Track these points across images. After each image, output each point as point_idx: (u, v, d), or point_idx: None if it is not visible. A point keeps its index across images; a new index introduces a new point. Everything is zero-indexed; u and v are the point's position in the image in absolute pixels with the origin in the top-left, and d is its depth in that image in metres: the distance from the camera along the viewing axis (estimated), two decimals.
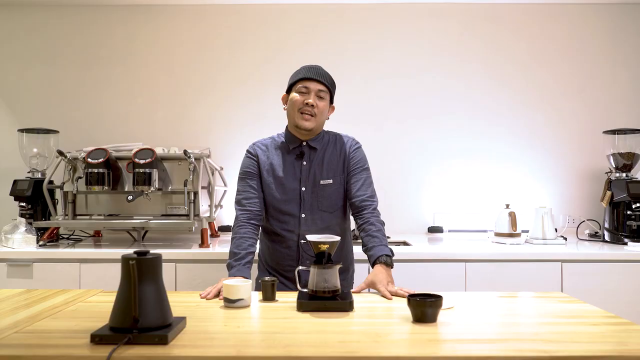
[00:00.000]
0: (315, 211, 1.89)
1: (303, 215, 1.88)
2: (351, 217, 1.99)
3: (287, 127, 1.97)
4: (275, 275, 1.93)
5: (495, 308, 1.55)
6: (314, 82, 1.85)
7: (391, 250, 1.81)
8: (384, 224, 1.90)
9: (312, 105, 1.83)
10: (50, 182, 2.78)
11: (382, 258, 1.75)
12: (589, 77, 3.30)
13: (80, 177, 2.66)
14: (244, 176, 1.94)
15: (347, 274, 1.98)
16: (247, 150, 1.98)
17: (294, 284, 1.82)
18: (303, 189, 1.88)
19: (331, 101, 1.91)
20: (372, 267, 1.77)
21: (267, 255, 2.00)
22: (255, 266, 2.11)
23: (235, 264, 1.78)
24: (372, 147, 2.41)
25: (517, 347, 1.17)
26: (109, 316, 1.22)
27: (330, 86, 1.88)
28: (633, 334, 1.27)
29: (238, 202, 1.91)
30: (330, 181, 1.89)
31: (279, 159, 1.92)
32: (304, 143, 1.91)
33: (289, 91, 1.91)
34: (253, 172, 1.92)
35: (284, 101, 1.94)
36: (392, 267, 1.77)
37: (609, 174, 2.99)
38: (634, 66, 3.30)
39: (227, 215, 3.25)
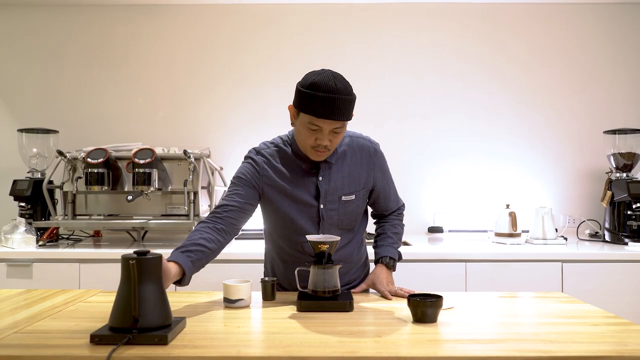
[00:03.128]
0: (334, 229, 1.69)
1: (320, 235, 1.68)
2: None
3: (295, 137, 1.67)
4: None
5: (495, 308, 1.55)
6: (327, 122, 1.51)
7: (399, 255, 1.78)
8: (402, 224, 1.86)
9: (326, 145, 1.56)
10: (50, 182, 2.78)
11: (385, 259, 1.74)
12: (589, 77, 3.30)
13: (80, 177, 2.66)
14: (236, 181, 1.67)
15: (360, 264, 1.85)
16: (250, 157, 1.70)
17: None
18: (322, 206, 1.66)
19: (352, 114, 1.58)
20: (375, 265, 1.76)
21: (280, 272, 1.79)
22: (254, 266, 2.10)
23: (174, 251, 1.51)
24: None
25: (517, 347, 1.17)
26: (108, 316, 1.22)
27: (347, 117, 1.54)
28: (633, 334, 1.27)
29: (216, 206, 1.64)
30: (353, 197, 1.68)
31: (289, 172, 1.66)
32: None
33: (299, 110, 1.56)
34: (247, 180, 1.65)
35: (292, 114, 1.61)
36: (393, 270, 1.76)
37: (609, 174, 2.99)
38: (634, 66, 3.30)
39: None
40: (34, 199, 2.85)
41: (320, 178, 1.66)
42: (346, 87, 1.52)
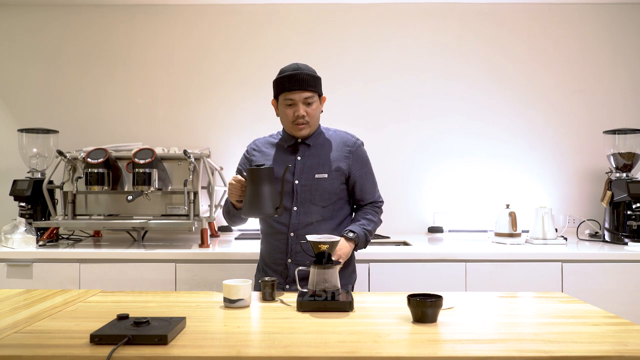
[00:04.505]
0: (308, 204, 1.89)
1: (295, 209, 1.88)
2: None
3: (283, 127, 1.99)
4: (268, 271, 1.95)
5: (495, 308, 1.55)
6: (296, 92, 1.83)
7: (366, 233, 1.89)
8: (380, 219, 1.99)
9: (303, 116, 1.85)
10: (50, 182, 2.78)
11: (345, 231, 1.87)
12: (589, 77, 3.30)
13: (80, 177, 2.66)
14: (237, 173, 2.00)
15: (347, 270, 1.96)
16: (246, 149, 2.04)
17: (284, 279, 1.89)
18: (297, 182, 1.89)
19: (321, 93, 1.91)
20: None
21: (263, 251, 2.03)
22: (254, 266, 2.11)
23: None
24: (372, 148, 2.40)
25: (517, 347, 1.17)
26: (108, 316, 1.22)
27: (315, 88, 1.86)
28: (633, 334, 1.27)
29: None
30: (325, 175, 1.90)
31: (274, 155, 1.95)
32: (299, 140, 1.94)
33: (276, 96, 1.91)
34: (240, 170, 2.00)
35: (274, 107, 1.95)
36: (355, 243, 1.87)
37: (609, 174, 2.99)
38: (634, 66, 3.30)
39: None
40: (34, 199, 2.84)
41: (299, 157, 1.91)
42: (307, 66, 1.88)
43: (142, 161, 2.54)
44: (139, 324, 1.22)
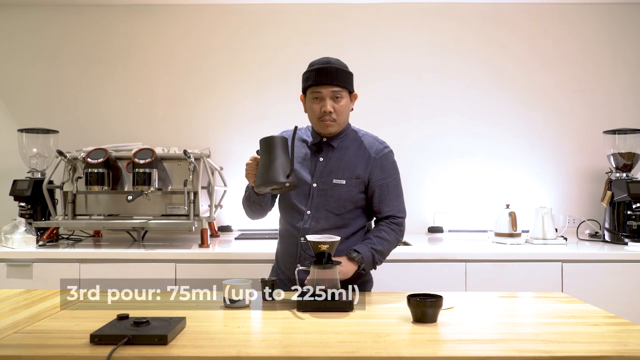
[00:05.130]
0: (322, 210, 1.80)
1: (308, 212, 1.80)
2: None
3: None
4: (279, 273, 1.90)
5: (495, 308, 1.55)
6: (324, 87, 1.74)
7: (374, 254, 1.74)
8: (398, 238, 1.84)
9: (330, 112, 1.75)
10: (50, 182, 2.78)
11: (350, 251, 1.73)
12: (589, 77, 3.30)
13: (80, 177, 2.66)
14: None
15: (357, 282, 1.73)
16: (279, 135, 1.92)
17: (294, 283, 1.78)
18: (314, 185, 1.80)
19: (352, 90, 1.81)
20: None
21: (277, 253, 1.95)
22: (254, 266, 2.11)
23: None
24: None
25: (517, 347, 1.17)
26: (108, 316, 1.22)
27: (344, 84, 1.76)
28: (633, 334, 1.27)
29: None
30: (343, 182, 1.79)
31: (300, 150, 1.85)
32: (324, 139, 1.83)
33: (304, 91, 1.81)
34: None
35: (302, 101, 1.84)
36: (358, 264, 1.71)
37: (609, 174, 2.99)
38: (634, 66, 3.30)
39: (227, 215, 3.25)
40: (34, 199, 2.84)
41: (321, 159, 1.82)
42: (339, 61, 1.79)
43: (142, 161, 2.54)
44: (139, 324, 1.22)
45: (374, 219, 1.91)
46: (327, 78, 1.73)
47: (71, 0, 3.27)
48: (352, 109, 1.85)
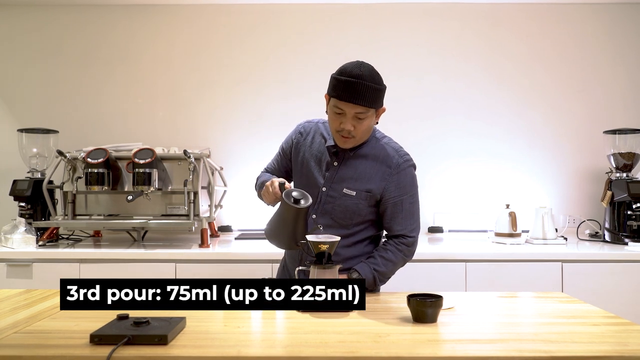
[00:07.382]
0: (327, 217, 1.72)
1: (314, 216, 1.73)
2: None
3: None
4: (285, 274, 1.89)
5: (495, 308, 1.55)
6: (349, 105, 1.58)
7: (376, 275, 1.68)
8: (405, 258, 1.75)
9: (349, 131, 1.62)
10: (50, 182, 2.78)
11: (351, 271, 1.68)
12: (589, 77, 3.30)
13: (80, 177, 2.66)
14: (279, 150, 1.88)
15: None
16: (302, 125, 1.83)
17: None
18: (324, 189, 1.72)
19: (380, 105, 1.66)
20: None
21: (285, 253, 1.91)
22: (254, 266, 2.11)
23: (266, 176, 1.83)
24: None
25: (517, 347, 1.17)
26: (108, 316, 1.22)
27: (371, 104, 1.60)
28: (633, 334, 1.27)
29: (264, 169, 1.93)
30: (353, 193, 1.69)
31: (318, 148, 1.75)
32: None
33: (328, 91, 1.66)
34: (285, 150, 1.84)
35: (326, 100, 1.68)
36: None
37: (609, 174, 2.99)
38: (634, 66, 3.30)
39: (227, 215, 3.25)
40: (34, 199, 2.84)
41: (335, 163, 1.72)
42: (372, 75, 1.61)
43: (142, 161, 2.54)
44: (139, 323, 1.22)
45: (384, 232, 1.82)
46: (352, 97, 1.57)
47: (71, 0, 3.27)
48: (377, 123, 1.74)
